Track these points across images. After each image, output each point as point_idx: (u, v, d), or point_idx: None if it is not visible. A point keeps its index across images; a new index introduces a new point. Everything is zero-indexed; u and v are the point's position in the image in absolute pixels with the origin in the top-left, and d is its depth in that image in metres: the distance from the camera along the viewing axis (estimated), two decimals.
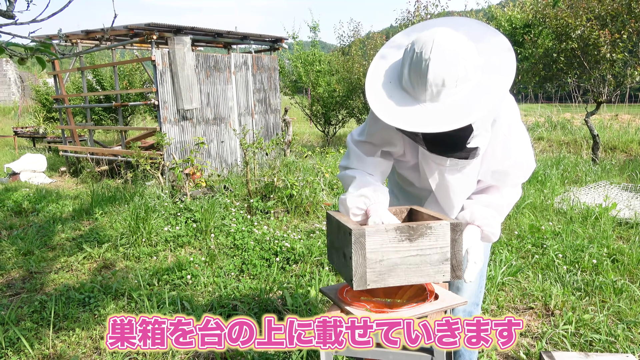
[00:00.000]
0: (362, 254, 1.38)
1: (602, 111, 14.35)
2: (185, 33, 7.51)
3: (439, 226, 1.39)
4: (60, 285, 3.72)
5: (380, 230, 1.38)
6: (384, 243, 1.39)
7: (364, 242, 1.37)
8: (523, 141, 1.65)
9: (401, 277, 1.42)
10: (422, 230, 1.39)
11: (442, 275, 1.42)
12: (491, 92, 1.39)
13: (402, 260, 1.40)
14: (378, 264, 1.39)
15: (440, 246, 1.41)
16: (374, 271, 1.40)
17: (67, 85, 11.92)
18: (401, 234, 1.39)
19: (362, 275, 1.39)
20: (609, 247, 3.96)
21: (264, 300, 3.22)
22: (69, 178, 9.06)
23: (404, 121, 1.41)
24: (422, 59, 1.37)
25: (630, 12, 7.22)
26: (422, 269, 1.41)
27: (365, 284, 1.40)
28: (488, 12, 11.98)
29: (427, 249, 1.40)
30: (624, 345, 2.60)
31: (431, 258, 1.41)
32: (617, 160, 8.67)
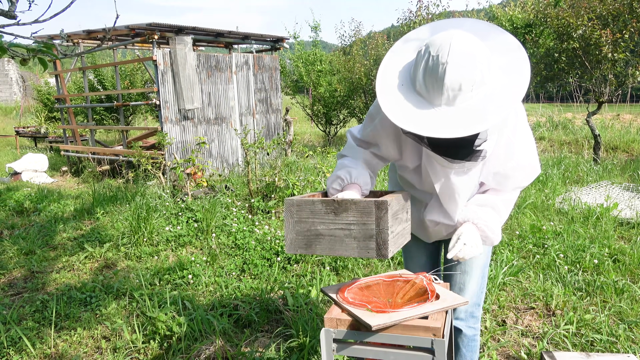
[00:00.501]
0: (292, 222, 1.52)
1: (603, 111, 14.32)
2: (186, 33, 7.52)
3: (363, 202, 1.43)
4: (61, 285, 3.73)
5: (308, 201, 1.50)
6: (312, 214, 1.49)
7: (293, 212, 1.51)
8: (527, 145, 1.63)
9: (326, 248, 1.49)
10: (346, 205, 1.45)
11: (367, 252, 1.45)
12: (507, 96, 1.38)
13: (328, 232, 1.48)
14: (306, 232, 1.51)
15: (365, 222, 1.43)
16: (302, 238, 1.52)
17: (68, 85, 11.94)
18: (327, 207, 1.47)
19: (292, 241, 1.53)
20: (610, 247, 3.96)
21: (265, 300, 3.22)
22: (71, 178, 9.07)
23: (419, 125, 1.39)
24: (439, 62, 1.35)
25: (631, 11, 7.21)
26: (347, 242, 1.47)
27: (295, 249, 1.53)
28: (489, 11, 11.96)
29: (351, 224, 1.45)
30: (625, 345, 2.60)
31: (355, 233, 1.45)
32: (618, 160, 8.66)
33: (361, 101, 11.84)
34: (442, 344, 1.38)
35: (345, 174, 1.64)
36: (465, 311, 1.92)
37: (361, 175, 1.66)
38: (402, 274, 1.78)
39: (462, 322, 1.93)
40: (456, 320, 1.93)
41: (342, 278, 3.71)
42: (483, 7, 13.55)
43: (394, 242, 1.48)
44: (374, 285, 1.70)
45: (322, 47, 14.41)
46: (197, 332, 2.87)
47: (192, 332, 2.87)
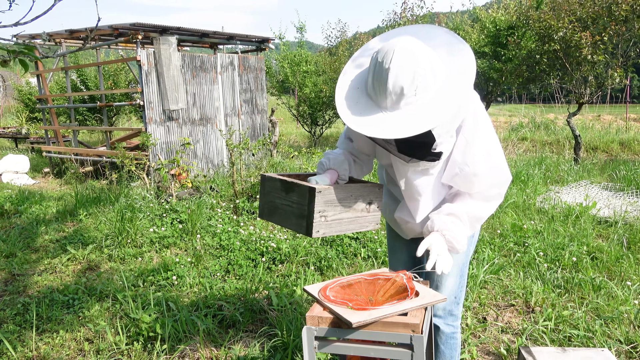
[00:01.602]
0: (263, 193, 1.82)
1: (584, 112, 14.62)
2: (171, 33, 7.48)
3: (302, 186, 1.64)
4: (43, 288, 3.69)
5: (273, 178, 1.77)
6: (273, 189, 1.77)
7: (265, 184, 1.80)
8: (488, 149, 1.63)
9: (279, 219, 1.76)
10: (292, 186, 1.68)
11: (300, 228, 1.66)
12: (450, 101, 1.45)
13: (281, 207, 1.74)
14: (269, 203, 1.79)
15: (301, 203, 1.64)
16: (267, 208, 1.81)
17: (50, 85, 11.77)
18: (282, 185, 1.73)
19: (261, 209, 1.84)
20: (588, 245, 4.05)
21: (249, 300, 3.23)
22: (53, 179, 8.95)
23: (366, 127, 1.49)
24: (383, 68, 1.44)
25: (610, 14, 7.38)
26: (290, 217, 1.70)
27: (262, 216, 1.83)
28: (473, 13, 12.11)
29: (293, 203, 1.68)
30: (601, 340, 2.67)
31: (295, 211, 1.68)
32: (598, 160, 8.84)
33: None
34: (420, 339, 1.41)
35: (325, 160, 1.80)
36: (443, 309, 1.95)
37: (338, 161, 1.78)
38: (383, 273, 1.81)
39: (441, 320, 1.96)
40: (435, 317, 1.96)
41: (326, 277, 3.74)
42: (467, 9, 13.70)
43: (327, 225, 1.66)
44: (356, 284, 1.72)
45: (307, 48, 14.43)
46: (181, 333, 2.88)
47: (176, 333, 2.87)
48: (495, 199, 1.72)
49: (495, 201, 1.73)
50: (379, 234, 4.41)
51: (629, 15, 7.23)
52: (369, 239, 4.34)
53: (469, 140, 1.62)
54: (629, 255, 3.82)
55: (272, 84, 13.42)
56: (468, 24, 11.54)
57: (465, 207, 1.69)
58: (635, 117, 15.36)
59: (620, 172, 6.99)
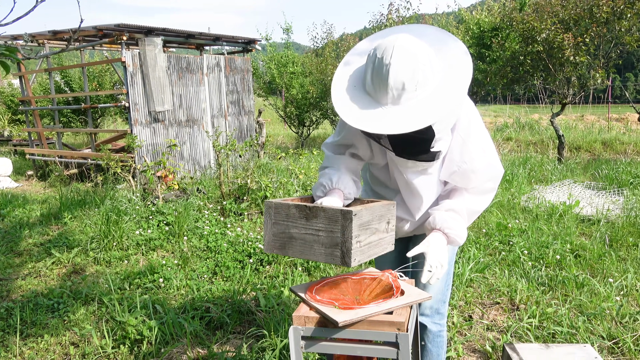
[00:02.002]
0: (270, 223, 1.59)
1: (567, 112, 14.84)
2: (156, 34, 7.43)
3: (331, 211, 1.46)
4: (27, 292, 3.64)
5: (285, 205, 1.56)
6: (287, 217, 1.55)
7: (271, 213, 1.59)
8: (483, 145, 1.69)
9: (297, 251, 1.54)
10: (316, 211, 1.49)
11: (332, 258, 1.48)
12: (450, 95, 1.46)
13: (300, 236, 1.53)
14: (281, 234, 1.57)
15: (332, 230, 1.47)
16: (277, 239, 1.58)
17: (33, 86, 11.62)
18: (300, 211, 1.52)
19: (268, 242, 1.60)
20: (572, 243, 4.11)
21: (237, 302, 3.22)
22: (36, 182, 8.83)
23: (367, 123, 1.48)
24: (383, 63, 1.44)
25: (591, 16, 7.51)
26: (315, 248, 1.51)
27: (272, 249, 1.59)
28: (458, 15, 12.23)
29: (320, 230, 1.49)
30: (584, 336, 2.72)
31: (323, 239, 1.48)
32: (581, 160, 8.99)
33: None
34: (406, 337, 1.43)
35: (326, 181, 1.72)
36: (430, 307, 1.97)
37: (342, 180, 1.72)
38: (370, 272, 1.82)
39: (427, 319, 1.98)
40: (421, 316, 1.98)
41: (313, 278, 3.74)
42: (452, 11, 13.83)
43: (361, 251, 1.49)
44: (342, 283, 1.73)
45: (294, 49, 14.43)
46: (168, 336, 2.86)
47: (163, 335, 2.86)
48: (490, 192, 1.78)
49: (490, 194, 1.78)
50: None
51: (609, 17, 7.37)
52: None
53: (464, 138, 1.65)
54: (610, 252, 3.89)
55: (259, 85, 13.40)
56: (453, 25, 11.65)
57: (463, 202, 1.73)
58: (617, 117, 15.63)
59: (602, 171, 7.11)
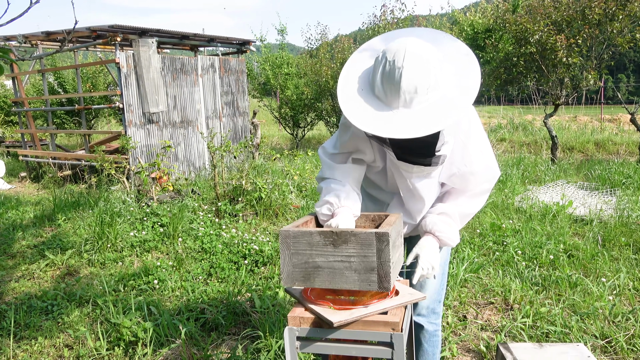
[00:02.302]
0: (288, 254, 1.47)
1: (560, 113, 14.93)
2: (150, 35, 7.42)
3: (363, 234, 1.39)
4: (21, 294, 3.62)
5: (306, 232, 1.45)
6: (309, 246, 1.44)
7: (289, 243, 1.46)
8: (482, 149, 1.69)
9: (325, 280, 1.45)
10: (346, 236, 1.41)
11: (368, 285, 1.41)
12: (460, 99, 1.45)
13: (327, 264, 1.44)
14: (304, 264, 1.46)
15: (365, 255, 1.40)
16: (299, 270, 1.47)
17: (26, 87, 11.55)
18: (325, 238, 1.42)
19: (288, 274, 1.48)
20: (565, 243, 4.14)
21: (232, 303, 3.22)
22: (30, 183, 8.78)
23: (378, 127, 1.45)
24: (395, 67, 1.42)
25: (584, 18, 7.57)
26: (347, 275, 1.43)
27: (293, 282, 1.49)
28: (452, 16, 12.28)
29: (351, 256, 1.41)
30: (577, 335, 2.74)
31: (356, 265, 1.41)
32: (574, 160, 9.05)
33: (328, 104, 11.93)
34: (400, 337, 1.44)
35: (333, 198, 1.66)
36: (426, 307, 1.98)
37: (350, 197, 1.68)
38: None
39: (424, 318, 1.99)
40: (418, 316, 1.98)
41: None
42: (446, 12, 13.89)
43: (394, 271, 1.45)
44: None
45: (289, 50, 14.45)
46: (163, 337, 2.85)
47: (158, 337, 2.85)
48: (485, 194, 1.79)
49: (484, 196, 1.79)
50: None
51: (601, 18, 7.43)
52: None
53: (465, 140, 1.65)
54: (603, 252, 3.92)
55: (253, 87, 13.40)
56: (447, 26, 11.70)
57: (456, 206, 1.74)
58: (609, 118, 15.75)
59: (595, 171, 7.17)
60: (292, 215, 5.58)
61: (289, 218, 5.50)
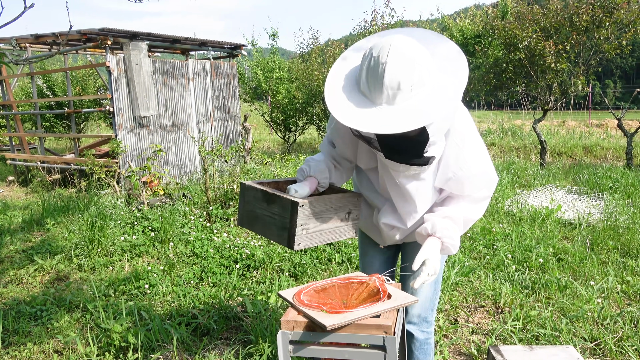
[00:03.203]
0: (242, 202, 1.81)
1: (549, 118, 15.11)
2: (141, 39, 7.39)
3: (284, 199, 1.64)
4: (9, 300, 3.58)
5: (253, 188, 1.75)
6: (254, 199, 1.76)
7: (244, 193, 1.80)
8: (478, 152, 1.68)
9: (259, 229, 1.76)
10: (274, 198, 1.67)
11: (282, 240, 1.66)
12: (445, 97, 1.45)
13: (262, 217, 1.74)
14: (250, 212, 1.79)
15: (283, 216, 1.64)
16: (247, 216, 1.80)
17: (15, 90, 11.44)
18: (263, 195, 1.72)
19: (241, 217, 1.83)
20: (554, 247, 4.19)
21: (224, 308, 3.21)
22: (18, 188, 8.68)
23: (360, 122, 1.46)
24: (379, 62, 1.43)
25: (572, 25, 7.69)
26: (272, 229, 1.70)
27: (242, 224, 1.83)
28: (441, 22, 12.39)
29: (275, 214, 1.68)
30: (567, 338, 2.77)
31: (277, 223, 1.68)
32: (563, 165, 9.15)
33: (320, 108, 11.96)
34: (393, 340, 1.45)
35: (305, 167, 1.80)
36: (418, 315, 1.96)
37: (318, 169, 1.79)
38: (357, 276, 1.84)
39: (415, 327, 1.97)
40: (409, 324, 1.97)
41: (300, 283, 3.75)
42: (436, 18, 14.01)
43: (309, 237, 1.67)
44: (330, 288, 1.75)
45: (280, 55, 14.47)
46: (154, 342, 2.84)
47: (149, 342, 2.83)
48: (485, 200, 1.76)
49: (484, 202, 1.77)
50: (353, 239, 4.46)
51: (589, 25, 7.55)
52: (343, 244, 4.38)
53: (459, 144, 1.64)
54: (592, 256, 3.97)
55: (244, 91, 13.39)
56: (437, 32, 11.79)
57: (460, 210, 1.71)
58: (597, 123, 15.96)
59: (583, 176, 7.26)
60: None
61: None
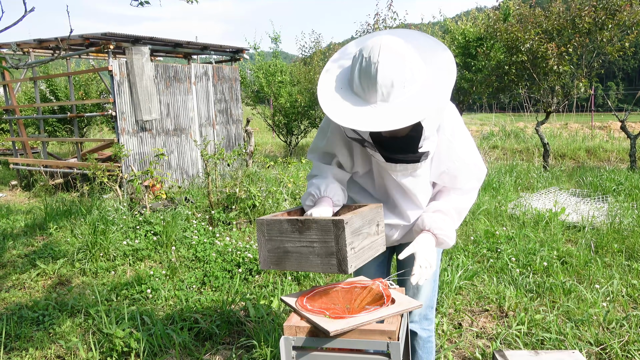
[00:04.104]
0: (264, 240, 1.61)
1: (552, 120, 15.07)
2: (143, 43, 7.41)
3: (322, 222, 1.51)
4: (11, 304, 3.57)
5: (277, 221, 1.58)
6: (280, 233, 1.58)
7: (264, 230, 1.60)
8: (468, 145, 1.75)
9: (294, 264, 1.58)
10: (309, 224, 1.53)
11: (329, 268, 1.53)
12: (437, 92, 1.50)
13: (295, 249, 1.57)
14: (276, 249, 1.60)
15: (325, 240, 1.51)
16: (273, 255, 1.61)
17: (18, 95, 11.49)
18: (292, 226, 1.56)
19: (264, 258, 1.62)
20: (558, 250, 4.16)
21: (226, 312, 3.20)
22: (21, 192, 8.70)
23: (357, 122, 1.48)
24: (371, 62, 1.46)
25: (574, 27, 7.67)
26: (311, 259, 1.55)
27: (268, 265, 1.62)
28: (443, 25, 12.39)
29: (314, 241, 1.53)
30: (572, 342, 2.74)
31: (318, 250, 1.53)
32: (566, 167, 9.12)
33: (322, 111, 11.96)
34: (397, 346, 1.43)
35: (315, 190, 1.73)
36: (419, 314, 1.99)
37: (330, 188, 1.73)
38: (360, 281, 1.82)
39: (417, 325, 1.99)
40: (411, 323, 1.99)
41: (303, 287, 3.73)
42: (438, 21, 14.02)
43: (357, 257, 1.54)
44: (333, 293, 1.73)
45: (282, 58, 14.49)
46: (157, 347, 2.82)
47: (151, 347, 2.82)
48: (474, 191, 1.83)
49: (474, 192, 1.83)
50: None
51: (591, 27, 7.53)
52: None
53: (450, 139, 1.70)
54: (596, 259, 3.94)
55: (247, 94, 13.40)
56: (439, 35, 11.79)
57: (449, 202, 1.78)
58: (600, 125, 15.91)
59: (587, 178, 7.22)
60: None
61: None
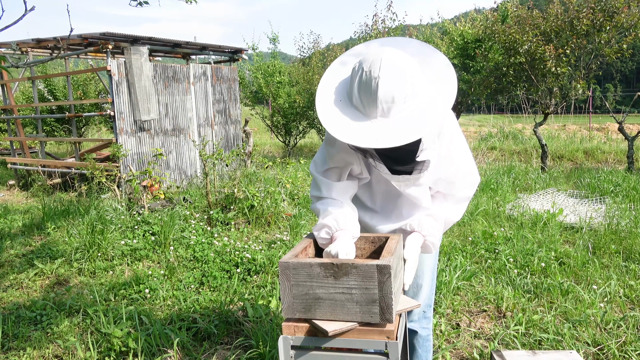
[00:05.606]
0: (288, 286, 1.44)
1: (550, 122, 15.11)
2: (142, 43, 7.41)
3: (364, 267, 1.35)
4: (9, 304, 3.57)
5: (305, 264, 1.41)
6: (309, 277, 1.42)
7: (289, 275, 1.43)
8: (465, 153, 1.74)
9: (327, 312, 1.42)
10: (346, 268, 1.38)
11: (370, 317, 1.39)
12: (438, 106, 1.47)
13: (328, 296, 1.41)
14: (304, 296, 1.43)
15: (367, 287, 1.37)
16: (300, 302, 1.44)
17: (16, 94, 11.47)
18: (325, 270, 1.39)
19: (289, 305, 1.46)
20: (556, 251, 4.17)
21: (224, 312, 3.20)
22: (18, 192, 8.68)
23: (357, 138, 1.45)
24: (372, 77, 1.43)
25: (572, 28, 7.69)
26: (348, 307, 1.40)
27: (294, 314, 1.46)
28: (442, 26, 12.42)
29: (352, 288, 1.38)
30: (570, 343, 2.75)
31: (357, 297, 1.38)
32: (564, 168, 9.14)
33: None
34: (395, 346, 1.43)
35: (332, 221, 1.61)
36: (418, 313, 2.00)
37: (348, 219, 1.63)
38: None
39: (416, 324, 2.01)
40: (410, 322, 2.00)
41: None
42: (436, 22, 14.05)
43: (396, 302, 1.43)
44: None
45: (281, 59, 14.49)
46: (155, 347, 2.82)
47: (149, 347, 2.82)
48: (466, 201, 1.81)
49: (465, 203, 1.81)
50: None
51: (589, 29, 7.56)
52: None
53: (448, 145, 1.68)
54: (594, 260, 3.95)
55: (245, 95, 13.41)
56: (437, 36, 11.82)
57: (442, 210, 1.76)
58: (597, 127, 15.96)
59: (584, 179, 7.24)
60: (284, 223, 5.56)
61: (281, 226, 5.49)
